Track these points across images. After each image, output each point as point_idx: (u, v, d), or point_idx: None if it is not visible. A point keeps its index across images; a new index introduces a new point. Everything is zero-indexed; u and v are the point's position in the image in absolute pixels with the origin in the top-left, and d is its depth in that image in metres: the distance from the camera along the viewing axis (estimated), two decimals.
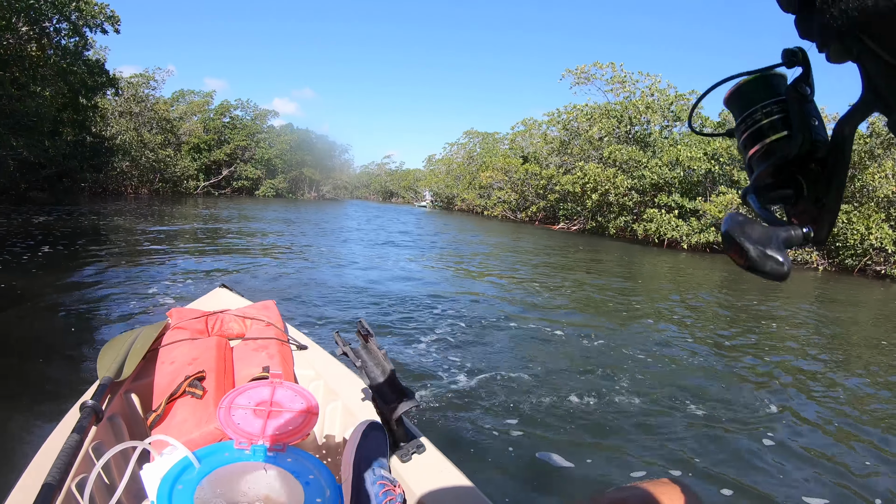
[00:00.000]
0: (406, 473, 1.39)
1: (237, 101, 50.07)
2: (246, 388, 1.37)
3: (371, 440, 1.32)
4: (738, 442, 3.35)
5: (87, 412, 1.37)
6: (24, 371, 3.63)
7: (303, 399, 1.36)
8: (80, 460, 1.29)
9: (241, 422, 1.24)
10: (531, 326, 5.93)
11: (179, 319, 2.15)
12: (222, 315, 2.26)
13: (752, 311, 8.38)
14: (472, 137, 53.52)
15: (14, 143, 14.34)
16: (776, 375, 4.85)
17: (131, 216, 16.37)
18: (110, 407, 1.61)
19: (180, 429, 1.46)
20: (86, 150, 20.87)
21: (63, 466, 1.11)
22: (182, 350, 1.87)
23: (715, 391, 4.27)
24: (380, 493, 1.16)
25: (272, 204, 36.03)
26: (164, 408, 1.54)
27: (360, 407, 1.76)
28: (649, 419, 3.58)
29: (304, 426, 1.27)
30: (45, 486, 1.04)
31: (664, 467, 2.96)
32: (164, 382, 1.67)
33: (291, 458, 1.18)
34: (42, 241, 9.42)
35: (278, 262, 9.43)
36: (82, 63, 18.65)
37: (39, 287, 6.02)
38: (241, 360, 1.92)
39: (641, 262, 15.52)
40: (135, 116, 31.05)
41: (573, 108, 29.32)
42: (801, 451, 3.30)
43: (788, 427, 3.68)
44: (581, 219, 28.39)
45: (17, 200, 16.78)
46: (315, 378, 2.03)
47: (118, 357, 1.76)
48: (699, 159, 21.15)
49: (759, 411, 3.91)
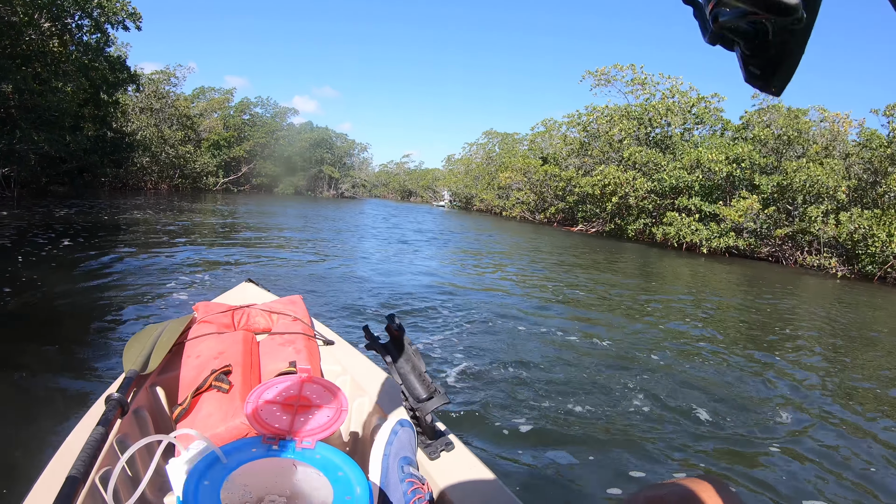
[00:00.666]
0: (434, 471, 1.36)
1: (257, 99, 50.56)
2: (273, 383, 1.31)
3: (400, 437, 1.31)
4: (750, 444, 3.29)
5: (113, 405, 1.35)
6: (49, 364, 3.63)
7: (332, 394, 1.30)
8: (105, 453, 1.29)
9: (269, 417, 1.19)
10: (548, 325, 5.88)
11: (206, 313, 2.12)
12: (249, 309, 2.22)
13: (769, 315, 8.24)
14: (491, 138, 53.35)
15: (35, 137, 14.45)
16: (794, 379, 4.77)
17: (152, 211, 16.53)
18: (135, 400, 1.62)
19: (206, 423, 1.45)
20: (106, 146, 21.05)
21: (87, 459, 1.10)
22: (208, 344, 1.84)
23: (730, 393, 4.19)
24: (408, 491, 1.15)
25: (291, 201, 36.23)
26: (190, 402, 1.53)
27: (388, 403, 1.73)
28: (667, 419, 3.54)
29: (333, 422, 1.20)
30: (69, 478, 1.03)
31: (693, 467, 2.95)
32: (190, 376, 1.65)
33: (320, 454, 1.12)
34: (63, 233, 9.49)
35: (301, 258, 9.46)
36: (104, 59, 18.82)
37: (62, 280, 6.03)
38: (268, 355, 1.89)
39: (660, 266, 15.32)
40: (155, 113, 31.36)
41: (593, 110, 29.02)
42: (815, 454, 3.26)
43: (804, 431, 3.60)
44: (600, 221, 28.09)
45: (37, 194, 17.01)
46: (342, 373, 2.00)
47: (144, 350, 1.75)
48: (720, 162, 20.79)
49: (773, 414, 3.84)
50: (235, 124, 45.79)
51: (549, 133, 40.03)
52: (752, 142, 22.02)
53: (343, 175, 57.29)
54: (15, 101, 13.92)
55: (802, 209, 18.56)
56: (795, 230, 18.77)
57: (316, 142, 53.21)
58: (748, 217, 19.38)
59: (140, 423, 1.64)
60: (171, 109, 32.78)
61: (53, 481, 1.14)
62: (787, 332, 7.12)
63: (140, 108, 30.20)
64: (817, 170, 18.11)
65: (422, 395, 1.42)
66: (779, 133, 21.27)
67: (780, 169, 20.05)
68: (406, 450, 1.29)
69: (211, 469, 1.03)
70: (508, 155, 44.79)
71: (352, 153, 60.99)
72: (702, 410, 3.74)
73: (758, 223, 19.47)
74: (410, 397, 1.43)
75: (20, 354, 3.77)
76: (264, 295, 2.72)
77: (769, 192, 19.67)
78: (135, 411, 1.62)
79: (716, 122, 25.45)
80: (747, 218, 19.41)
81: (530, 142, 43.58)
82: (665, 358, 5.03)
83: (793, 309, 9.20)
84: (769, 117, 22.46)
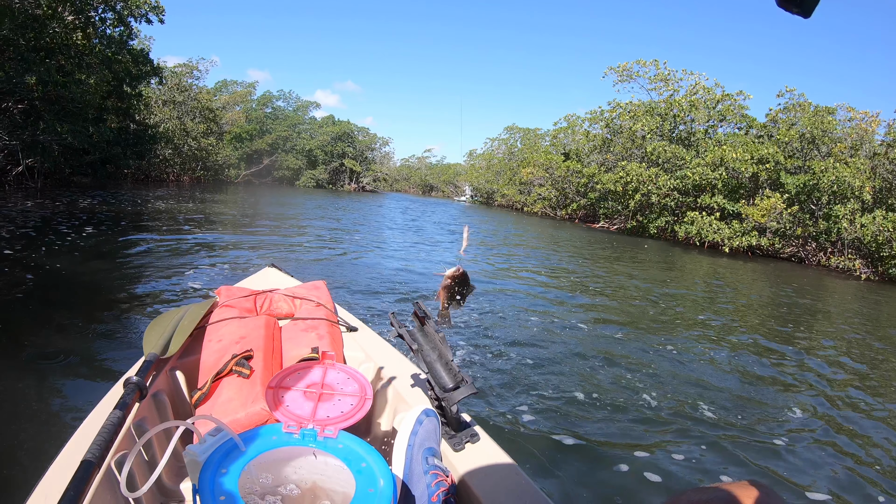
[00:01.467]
0: (458, 463, 1.33)
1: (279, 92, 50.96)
2: (296, 369, 1.30)
3: (425, 427, 1.28)
4: (763, 447, 3.24)
5: (131, 388, 1.33)
6: (69, 347, 3.68)
7: (355, 382, 1.30)
8: (122, 437, 1.29)
9: (291, 404, 1.18)
10: (569, 318, 5.91)
11: (228, 297, 2.11)
12: (271, 294, 2.22)
13: (790, 315, 8.08)
14: (513, 133, 52.96)
15: (59, 128, 14.63)
16: (812, 382, 4.69)
17: (174, 201, 16.79)
18: (155, 384, 1.61)
19: (225, 408, 1.44)
20: (129, 138, 21.29)
21: (104, 443, 1.07)
22: (230, 328, 1.84)
23: (747, 394, 4.15)
24: (432, 483, 1.13)
25: (312, 194, 36.47)
26: (210, 386, 1.53)
27: (411, 392, 1.71)
28: (685, 419, 3.49)
29: (357, 411, 1.19)
30: (84, 462, 1.01)
31: (717, 470, 2.90)
32: (211, 360, 1.65)
33: (343, 443, 1.09)
34: (86, 222, 9.68)
35: (323, 247, 9.58)
36: (127, 52, 19.00)
37: (84, 266, 6.16)
38: (290, 340, 1.88)
39: (681, 264, 15.12)
40: (178, 105, 31.67)
41: (616, 106, 28.59)
42: (832, 459, 3.22)
43: (820, 434, 3.55)
44: (621, 218, 27.72)
45: (61, 184, 17.26)
46: (365, 360, 1.97)
47: (165, 333, 1.72)
48: (745, 161, 20.32)
49: (791, 417, 3.78)
50: (257, 117, 46.15)
51: (572, 129, 39.61)
52: (776, 141, 21.60)
53: (364, 169, 57.42)
54: (39, 93, 14.07)
55: (827, 209, 18.07)
56: (819, 230, 18.30)
57: (338, 135, 53.41)
58: (771, 216, 18.92)
59: (159, 407, 1.62)
60: (194, 102, 33.08)
61: (68, 465, 1.13)
62: (808, 332, 6.97)
63: (163, 101, 30.53)
64: (844, 170, 17.63)
65: (448, 385, 1.37)
66: (804, 132, 20.83)
67: (806, 168, 19.57)
68: (430, 440, 1.26)
69: (229, 457, 1.00)
70: (530, 150, 44.43)
71: (373, 147, 61.06)
72: (725, 412, 3.65)
73: (781, 222, 18.99)
74: (436, 386, 1.38)
75: (41, 337, 3.84)
76: (287, 280, 2.72)
77: (794, 192, 19.20)
78: (154, 395, 1.60)
79: (741, 119, 24.89)
80: (770, 217, 18.95)
81: (552, 137, 43.16)
82: (684, 355, 4.98)
83: (816, 309, 9.04)
84: (794, 115, 22.03)
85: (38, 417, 2.71)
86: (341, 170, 54.83)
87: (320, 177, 51.54)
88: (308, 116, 52.85)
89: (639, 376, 4.17)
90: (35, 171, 15.90)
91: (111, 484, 1.21)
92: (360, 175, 57.15)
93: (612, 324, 5.88)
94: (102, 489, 1.16)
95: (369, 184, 59.41)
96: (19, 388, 3.03)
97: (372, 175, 59.68)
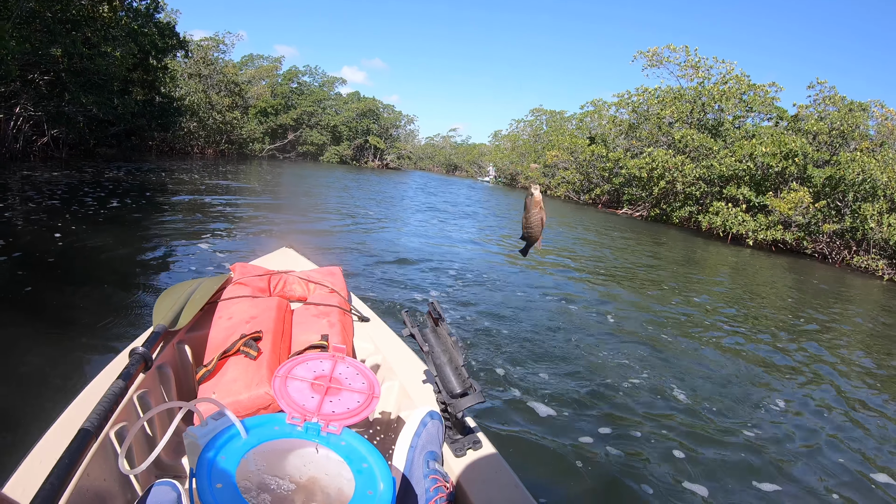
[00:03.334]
0: (458, 468, 1.31)
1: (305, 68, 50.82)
2: (305, 359, 1.26)
3: (428, 429, 1.27)
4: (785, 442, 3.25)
5: (136, 359, 1.32)
6: (80, 312, 3.73)
7: (364, 379, 1.26)
8: (122, 408, 1.29)
9: (297, 395, 1.14)
10: (585, 310, 5.86)
11: (242, 275, 2.10)
12: (286, 276, 2.19)
13: (811, 315, 7.90)
14: (538, 115, 52.22)
15: (84, 100, 14.77)
16: (831, 384, 4.62)
17: (198, 174, 17.02)
18: (161, 356, 1.61)
19: (229, 388, 1.44)
20: (154, 110, 21.43)
21: (103, 413, 1.07)
22: (241, 307, 1.82)
23: (762, 397, 4.08)
24: (431, 488, 1.11)
25: (336, 170, 36.49)
26: (216, 364, 1.52)
27: (418, 390, 1.67)
28: (704, 413, 3.51)
29: (363, 409, 1.16)
30: (82, 431, 1.00)
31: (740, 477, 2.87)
32: (219, 338, 1.64)
33: (346, 441, 1.07)
34: (112, 192, 9.88)
35: (342, 229, 9.51)
36: (153, 25, 19.05)
37: (106, 234, 6.28)
38: (301, 325, 1.86)
39: (704, 255, 14.88)
40: (204, 79, 31.81)
41: (644, 91, 27.93)
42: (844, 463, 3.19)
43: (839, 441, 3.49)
44: (645, 205, 27.26)
45: (85, 155, 17.50)
46: (374, 353, 1.95)
47: (175, 306, 1.72)
48: (774, 156, 19.77)
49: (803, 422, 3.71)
50: (283, 92, 46.16)
51: (599, 113, 38.89)
52: (805, 133, 21.01)
53: (389, 146, 57.26)
54: (64, 65, 14.19)
55: (854, 206, 17.53)
56: (845, 227, 17.80)
57: (363, 112, 53.24)
58: (798, 210, 18.43)
59: (162, 380, 1.62)
60: (220, 76, 33.19)
61: (66, 432, 1.12)
62: (824, 332, 6.80)
63: (189, 74, 30.67)
64: (871, 162, 17.04)
65: (456, 390, 1.35)
66: (833, 127, 20.19)
67: (833, 161, 18.98)
68: (433, 444, 1.25)
69: (230, 443, 0.98)
70: (556, 133, 43.80)
71: (398, 125, 60.78)
72: (740, 413, 3.61)
73: (807, 217, 18.49)
74: (444, 391, 1.36)
75: (55, 303, 3.88)
76: (303, 262, 2.69)
77: (820, 185, 18.65)
78: (158, 367, 1.60)
79: (769, 110, 24.18)
80: (797, 211, 18.47)
81: (579, 120, 42.49)
82: (704, 353, 4.95)
83: (837, 310, 8.85)
84: (824, 109, 21.37)
85: (39, 380, 2.72)
86: (365, 146, 54.75)
87: (344, 153, 51.53)
88: (334, 92, 52.71)
89: (662, 382, 4.08)
90: (60, 142, 16.13)
91: (107, 455, 1.20)
92: (384, 152, 57.01)
93: (636, 321, 5.73)
94: (98, 459, 1.16)
95: (393, 161, 59.26)
96: (26, 350, 3.06)
97: (396, 153, 59.49)
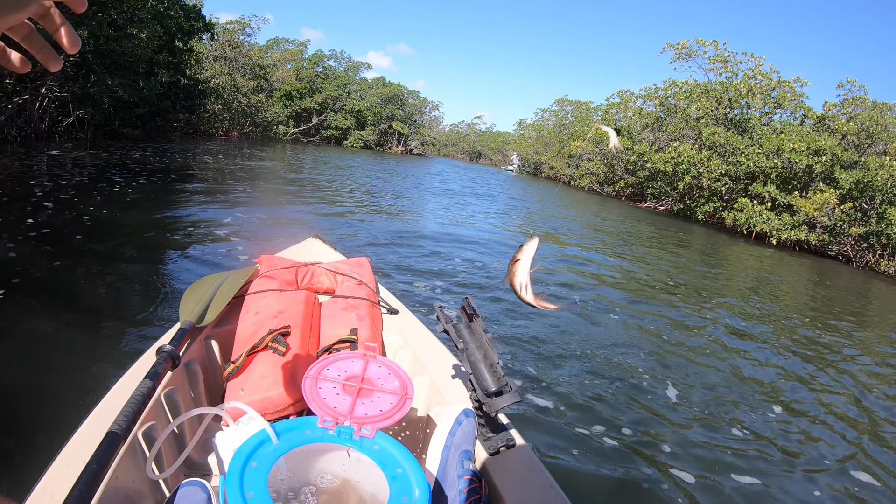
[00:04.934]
0: (492, 468, 1.29)
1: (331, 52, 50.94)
2: (336, 359, 1.25)
3: (464, 428, 1.25)
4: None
5: (164, 357, 1.32)
6: (105, 306, 3.69)
7: (397, 379, 1.23)
8: (150, 407, 1.28)
9: (328, 396, 1.12)
10: (605, 308, 5.79)
11: (269, 267, 2.08)
12: (313, 267, 2.18)
13: (835, 319, 7.72)
14: (564, 105, 51.54)
15: (109, 81, 14.93)
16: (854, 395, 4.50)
17: (223, 157, 17.17)
18: (188, 353, 1.58)
19: (258, 385, 1.42)
20: (179, 92, 21.64)
21: (131, 415, 1.07)
22: (269, 301, 1.79)
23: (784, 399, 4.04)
24: (465, 489, 1.09)
25: (360, 155, 36.47)
26: (244, 360, 1.50)
27: (450, 385, 1.63)
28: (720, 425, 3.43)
29: (396, 411, 1.13)
30: (110, 434, 1.00)
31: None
32: (247, 333, 1.62)
33: (379, 444, 1.04)
34: (138, 173, 9.97)
35: (369, 215, 9.48)
36: (179, 8, 19.19)
37: (131, 219, 6.28)
38: (329, 319, 1.83)
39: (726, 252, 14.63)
40: (229, 61, 31.90)
41: (671, 85, 27.37)
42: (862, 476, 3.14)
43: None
44: (669, 200, 26.81)
45: (110, 136, 17.71)
46: (404, 346, 1.91)
47: (202, 301, 1.71)
48: (801, 153, 19.25)
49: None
50: (308, 76, 46.17)
51: (625, 105, 38.24)
52: (833, 133, 20.45)
53: (413, 132, 57.11)
54: (90, 47, 14.33)
55: (882, 209, 17.02)
56: (870, 231, 17.31)
57: (388, 97, 53.12)
58: (823, 211, 17.95)
59: (190, 378, 1.59)
60: (245, 59, 33.25)
61: (93, 435, 1.10)
62: (854, 343, 6.59)
63: (214, 57, 30.82)
64: None
65: (491, 388, 1.31)
66: (861, 127, 19.60)
67: (862, 164, 18.43)
68: (467, 442, 1.22)
69: (260, 449, 0.96)
70: (581, 124, 43.23)
71: (423, 111, 60.53)
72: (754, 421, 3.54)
73: (832, 219, 18.00)
74: (479, 388, 1.32)
75: (75, 294, 3.81)
76: (330, 253, 2.68)
77: (847, 188, 18.14)
78: (186, 364, 1.58)
79: (797, 108, 23.54)
80: (822, 212, 17.98)
81: (604, 112, 41.84)
82: (726, 355, 4.89)
83: (862, 314, 8.70)
84: (853, 109, 20.75)
85: (60, 382, 2.67)
86: (389, 132, 54.67)
87: (368, 138, 51.52)
88: (359, 77, 52.66)
89: (663, 370, 4.01)
90: (85, 123, 16.34)
91: (135, 456, 1.19)
92: (408, 138, 56.89)
93: (658, 322, 5.66)
94: (126, 461, 1.14)
95: (417, 147, 59.12)
96: (49, 344, 3.03)
97: (420, 139, 59.32)
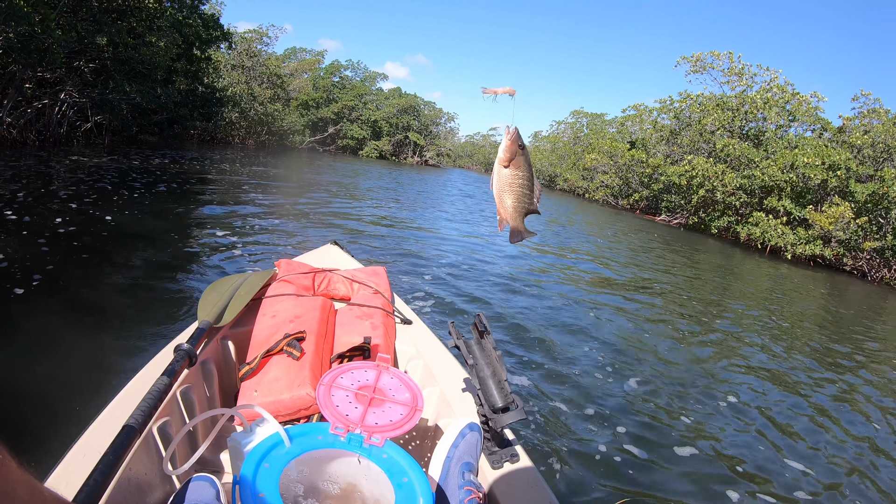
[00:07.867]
0: (494, 482, 1.31)
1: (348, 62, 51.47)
2: (349, 368, 1.29)
3: (467, 440, 1.27)
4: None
5: (181, 355, 1.35)
6: (126, 304, 3.76)
7: (408, 391, 1.27)
8: (166, 403, 1.29)
9: (341, 404, 1.16)
10: (619, 320, 5.83)
11: (287, 272, 2.12)
12: (330, 274, 2.21)
13: (851, 335, 7.64)
14: (579, 118, 51.50)
15: (128, 88, 15.20)
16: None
17: (240, 164, 17.39)
18: (204, 352, 1.62)
19: (271, 387, 1.45)
20: (197, 100, 21.91)
21: (147, 409, 1.09)
22: (286, 305, 1.83)
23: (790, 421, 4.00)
24: (465, 500, 1.11)
25: (375, 165, 36.66)
26: (259, 362, 1.53)
27: (458, 398, 1.65)
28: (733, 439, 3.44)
29: (406, 422, 1.16)
30: (126, 427, 1.02)
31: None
32: (263, 335, 1.65)
33: (388, 453, 1.08)
34: (158, 178, 10.19)
35: (387, 227, 9.51)
36: (198, 17, 19.45)
37: (152, 222, 6.43)
38: (344, 326, 1.87)
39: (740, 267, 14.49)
40: (246, 70, 32.36)
41: (687, 97, 27.24)
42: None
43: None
44: (683, 213, 26.58)
45: (128, 142, 18.01)
46: (415, 357, 1.94)
47: (220, 301, 1.75)
48: (816, 167, 19.04)
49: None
50: (325, 86, 46.66)
51: (640, 117, 38.13)
52: (848, 146, 20.27)
53: (428, 143, 57.30)
54: (109, 54, 14.63)
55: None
56: (886, 245, 17.07)
57: (404, 108, 53.44)
58: (838, 225, 17.71)
59: (205, 376, 1.63)
60: (262, 68, 33.70)
61: (108, 427, 1.12)
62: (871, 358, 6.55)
63: (232, 65, 31.25)
64: None
65: (498, 404, 1.33)
66: (877, 140, 19.41)
67: (877, 177, 18.21)
68: (470, 455, 1.25)
69: (273, 451, 0.99)
70: (596, 136, 43.14)
71: (439, 122, 60.70)
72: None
73: (847, 233, 17.75)
74: (486, 404, 1.35)
75: (98, 291, 3.90)
76: (348, 260, 2.70)
77: (862, 201, 17.92)
78: (202, 362, 1.60)
79: (813, 121, 23.32)
80: (837, 226, 17.74)
81: (620, 125, 41.75)
82: (736, 368, 4.89)
83: (879, 328, 8.62)
84: (869, 122, 20.55)
85: (78, 376, 2.72)
86: (405, 142, 54.93)
87: (384, 148, 51.80)
88: (375, 87, 53.12)
89: (673, 384, 3.99)
90: (103, 128, 16.62)
91: (149, 450, 1.21)
92: (424, 149, 57.06)
93: (671, 334, 5.69)
94: (140, 454, 1.16)
95: (432, 158, 59.27)
96: (71, 339, 3.08)
97: (435, 150, 59.48)
